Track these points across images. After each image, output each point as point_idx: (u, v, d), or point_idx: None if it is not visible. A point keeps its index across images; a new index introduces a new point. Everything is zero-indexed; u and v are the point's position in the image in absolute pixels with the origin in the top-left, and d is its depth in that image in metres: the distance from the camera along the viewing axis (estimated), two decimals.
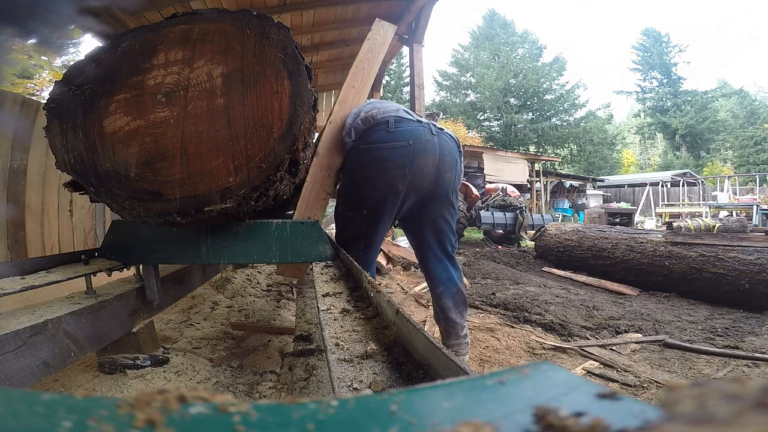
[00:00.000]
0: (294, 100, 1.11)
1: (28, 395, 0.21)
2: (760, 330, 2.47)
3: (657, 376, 1.84)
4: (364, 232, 1.66)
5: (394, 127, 1.61)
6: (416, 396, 0.23)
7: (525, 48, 31.52)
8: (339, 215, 1.71)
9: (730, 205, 11.34)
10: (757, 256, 3.02)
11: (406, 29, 5.28)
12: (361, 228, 1.65)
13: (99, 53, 1.18)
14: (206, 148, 1.08)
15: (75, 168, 1.10)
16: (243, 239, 1.38)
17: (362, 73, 2.07)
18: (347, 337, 0.77)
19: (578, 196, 17.63)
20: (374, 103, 1.79)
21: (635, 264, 3.89)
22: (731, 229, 6.70)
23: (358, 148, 1.64)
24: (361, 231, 1.65)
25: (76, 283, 1.24)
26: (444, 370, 0.46)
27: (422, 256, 1.92)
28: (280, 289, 3.17)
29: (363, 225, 1.65)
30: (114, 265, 1.35)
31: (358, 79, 2.04)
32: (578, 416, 0.19)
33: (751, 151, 26.56)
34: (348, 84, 2.01)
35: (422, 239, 1.87)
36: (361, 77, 2.06)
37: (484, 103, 29.54)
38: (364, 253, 1.67)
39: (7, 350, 0.84)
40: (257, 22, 1.18)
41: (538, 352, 2.15)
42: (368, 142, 1.62)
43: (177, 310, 2.25)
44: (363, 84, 2.04)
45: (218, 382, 1.50)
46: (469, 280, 3.96)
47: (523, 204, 7.34)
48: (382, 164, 1.59)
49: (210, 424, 0.19)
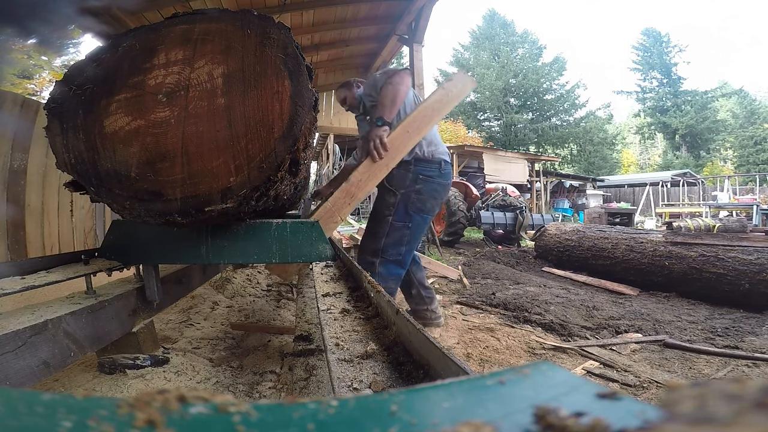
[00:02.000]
0: (295, 100, 1.11)
1: (28, 395, 0.21)
2: (760, 330, 2.47)
3: (657, 376, 1.84)
4: (407, 240, 1.94)
5: (447, 169, 2.06)
6: (416, 396, 0.23)
7: (525, 48, 31.53)
8: (394, 228, 1.93)
9: (730, 205, 11.34)
10: (757, 256, 3.02)
11: (406, 29, 5.28)
12: (404, 236, 1.92)
13: (99, 53, 1.18)
14: (207, 148, 1.08)
15: (75, 168, 1.10)
16: (243, 239, 1.38)
17: (421, 121, 1.92)
18: (347, 337, 0.77)
19: (578, 196, 17.63)
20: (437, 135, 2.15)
21: (635, 264, 3.89)
22: (731, 229, 6.69)
23: (424, 176, 1.96)
24: (404, 239, 1.92)
25: (76, 283, 1.24)
26: (444, 370, 0.46)
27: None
28: (280, 289, 3.17)
29: (408, 234, 1.93)
30: (114, 265, 1.35)
31: (414, 126, 1.90)
32: (578, 416, 0.19)
33: (751, 151, 26.54)
34: (403, 127, 1.88)
35: None
36: (418, 125, 1.90)
37: (484, 103, 29.54)
38: (404, 256, 1.95)
39: (7, 350, 0.84)
40: (258, 22, 1.18)
41: (538, 352, 2.15)
42: (432, 175, 1.98)
43: (177, 310, 2.25)
44: (417, 132, 1.92)
45: (218, 382, 1.50)
46: (469, 280, 3.96)
47: (523, 204, 7.33)
48: (441, 194, 2.03)
49: (210, 424, 0.19)
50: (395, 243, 1.91)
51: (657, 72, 32.62)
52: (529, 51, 31.26)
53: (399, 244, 1.92)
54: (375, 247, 1.90)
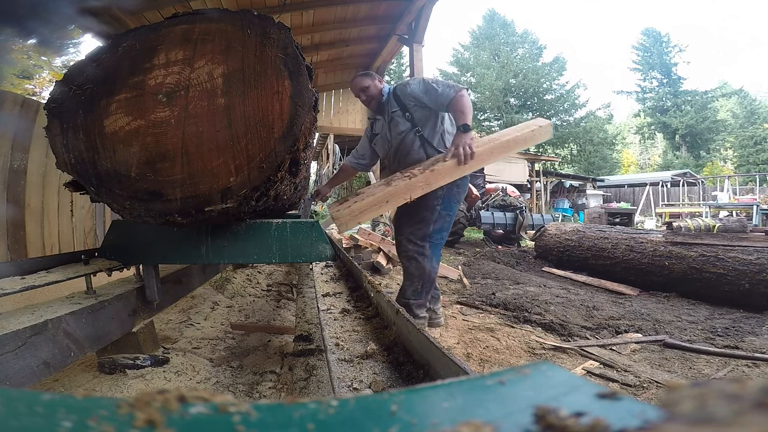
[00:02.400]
0: (295, 100, 1.11)
1: (28, 395, 0.21)
2: (760, 330, 2.47)
3: (657, 376, 1.84)
4: (447, 226, 2.29)
5: None
6: (416, 396, 0.23)
7: (525, 48, 31.50)
8: (440, 215, 2.22)
9: (730, 205, 11.33)
10: (757, 256, 3.02)
11: (406, 29, 5.28)
12: (446, 223, 2.27)
13: (99, 53, 1.18)
14: (207, 148, 1.08)
15: (75, 168, 1.10)
16: (243, 239, 1.38)
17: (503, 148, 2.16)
18: (347, 337, 0.77)
19: (578, 196, 17.63)
20: None
21: (635, 264, 3.89)
22: (731, 229, 6.69)
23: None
24: (445, 225, 2.27)
25: (76, 283, 1.24)
26: (444, 370, 0.46)
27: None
28: (280, 289, 3.17)
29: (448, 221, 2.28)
30: (114, 265, 1.35)
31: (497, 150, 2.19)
32: (578, 416, 0.19)
33: (751, 151, 26.52)
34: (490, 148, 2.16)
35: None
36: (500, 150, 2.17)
37: (484, 103, 29.52)
38: (444, 240, 2.30)
39: (7, 350, 0.84)
40: (258, 22, 1.18)
41: (538, 352, 2.15)
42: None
43: (177, 310, 2.25)
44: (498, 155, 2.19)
45: (218, 382, 1.50)
46: (469, 280, 3.96)
47: (523, 204, 7.33)
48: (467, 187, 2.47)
49: (210, 424, 0.19)
50: (440, 229, 2.23)
51: (657, 72, 32.59)
52: (529, 51, 31.23)
53: (442, 230, 2.25)
54: (425, 232, 2.19)
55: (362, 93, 2.39)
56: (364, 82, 2.37)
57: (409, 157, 2.25)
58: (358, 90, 2.39)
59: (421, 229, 2.18)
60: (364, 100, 2.43)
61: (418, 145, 2.24)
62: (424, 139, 2.23)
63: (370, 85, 2.36)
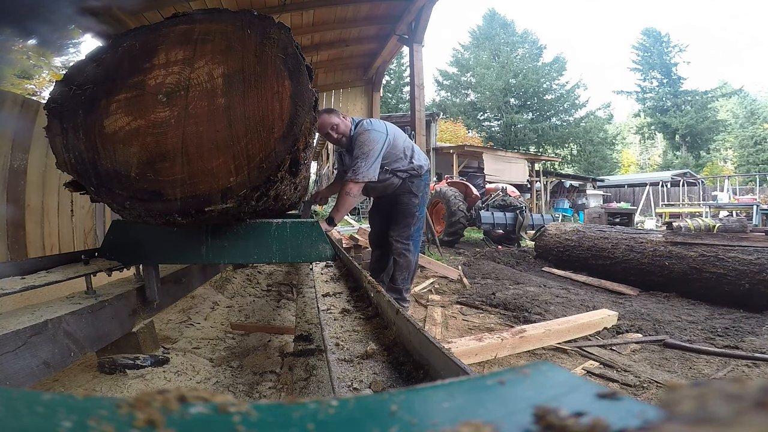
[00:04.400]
0: (295, 101, 1.10)
1: (28, 395, 0.21)
2: (760, 330, 2.47)
3: (657, 376, 1.84)
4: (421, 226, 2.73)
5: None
6: (416, 396, 0.23)
7: (525, 48, 31.52)
8: (417, 219, 2.63)
9: (730, 205, 11.33)
10: (757, 256, 3.02)
11: (406, 29, 5.28)
12: (421, 223, 2.71)
13: (99, 53, 1.18)
14: (207, 148, 1.08)
15: (76, 168, 1.10)
16: (243, 239, 1.38)
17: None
18: (347, 337, 0.77)
19: (578, 196, 17.62)
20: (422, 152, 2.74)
21: (635, 264, 3.89)
22: (731, 229, 6.69)
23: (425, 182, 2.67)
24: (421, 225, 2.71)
25: (76, 283, 1.24)
26: (444, 370, 0.46)
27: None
28: (280, 289, 3.17)
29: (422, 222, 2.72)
30: (114, 265, 1.35)
31: None
32: (578, 416, 0.19)
33: (751, 151, 26.54)
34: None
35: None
36: None
37: (484, 103, 29.53)
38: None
39: (7, 350, 0.84)
40: (258, 22, 1.18)
41: (538, 352, 2.15)
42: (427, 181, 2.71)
43: (177, 310, 2.25)
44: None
45: (218, 382, 1.50)
46: (469, 280, 3.96)
47: (523, 204, 7.32)
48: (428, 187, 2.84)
49: (210, 424, 0.19)
50: (419, 228, 2.69)
51: (657, 72, 32.59)
52: (529, 51, 31.25)
53: (419, 228, 2.70)
54: (408, 233, 2.61)
55: (332, 131, 2.32)
56: (332, 119, 2.30)
57: (382, 184, 2.48)
58: (328, 128, 2.31)
59: (405, 231, 2.61)
60: (334, 139, 2.36)
61: (389, 175, 2.49)
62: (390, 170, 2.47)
63: (339, 123, 2.32)
